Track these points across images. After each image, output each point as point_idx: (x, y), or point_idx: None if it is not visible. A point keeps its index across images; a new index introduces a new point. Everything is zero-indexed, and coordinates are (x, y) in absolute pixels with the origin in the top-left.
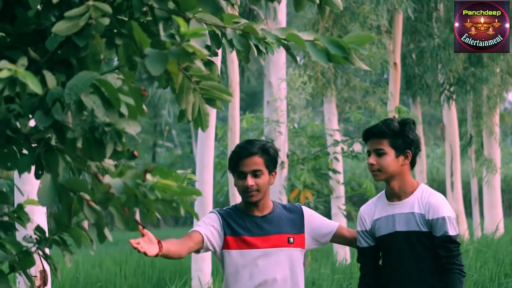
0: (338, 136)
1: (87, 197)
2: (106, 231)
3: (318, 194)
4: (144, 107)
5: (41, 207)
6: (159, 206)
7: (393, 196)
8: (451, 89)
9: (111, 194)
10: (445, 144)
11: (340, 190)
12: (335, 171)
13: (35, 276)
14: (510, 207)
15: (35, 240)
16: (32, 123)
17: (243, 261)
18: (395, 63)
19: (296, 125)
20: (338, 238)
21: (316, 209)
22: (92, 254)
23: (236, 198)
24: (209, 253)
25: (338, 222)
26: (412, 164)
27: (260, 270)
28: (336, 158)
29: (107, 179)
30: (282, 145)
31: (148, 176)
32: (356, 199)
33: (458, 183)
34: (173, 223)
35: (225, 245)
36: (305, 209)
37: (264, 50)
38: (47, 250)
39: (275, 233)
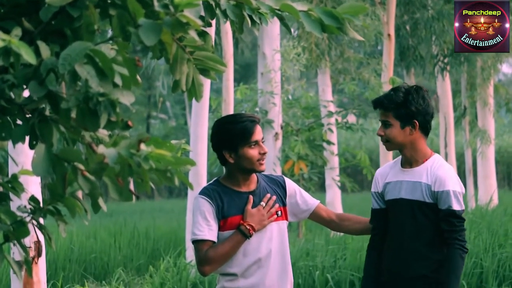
0: (332, 107)
1: (81, 167)
2: (100, 201)
3: (312, 165)
4: (138, 77)
5: (36, 177)
6: (153, 176)
7: (406, 162)
8: (445, 61)
9: (105, 164)
10: (439, 116)
11: (334, 161)
12: (329, 142)
13: (30, 247)
14: (504, 178)
15: (29, 210)
16: (26, 93)
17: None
18: (389, 35)
19: (290, 97)
20: (315, 217)
21: (310, 180)
22: (87, 224)
23: None
24: None
25: (318, 201)
26: (425, 132)
27: (254, 247)
28: (330, 129)
29: (101, 149)
30: (276, 116)
31: (142, 146)
32: (350, 171)
33: (452, 155)
34: (167, 195)
35: (219, 228)
36: (288, 182)
37: (258, 21)
38: (41, 220)
39: None
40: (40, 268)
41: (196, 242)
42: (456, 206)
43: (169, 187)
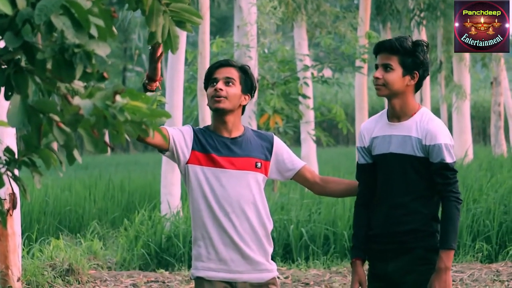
0: (308, 61)
1: (56, 118)
2: (75, 152)
3: (288, 119)
4: (114, 29)
5: (11, 128)
6: (128, 128)
7: (394, 116)
8: (421, 15)
9: (81, 115)
10: None
11: (310, 115)
12: (304, 96)
13: (4, 199)
14: (479, 133)
15: (4, 162)
16: (1, 44)
17: (208, 178)
18: None
19: (266, 50)
20: (300, 177)
21: (285, 134)
22: (61, 176)
23: (206, 123)
24: (179, 177)
25: (305, 163)
26: (417, 87)
27: (225, 190)
28: (306, 83)
29: (76, 100)
30: (252, 69)
31: (118, 98)
32: (325, 125)
33: None
34: (143, 148)
35: (192, 160)
36: (276, 139)
37: None
38: (16, 172)
39: (244, 156)
40: (15, 220)
41: None
42: (448, 159)
43: None
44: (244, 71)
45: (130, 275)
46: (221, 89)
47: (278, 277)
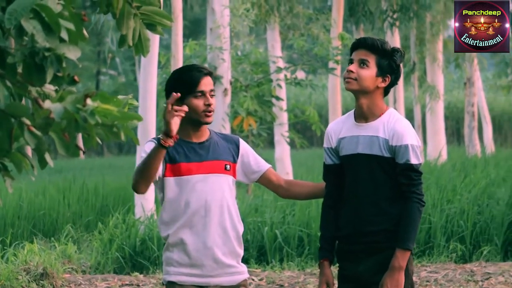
0: (281, 63)
1: (27, 122)
2: (47, 156)
3: (261, 121)
4: (84, 32)
5: None
6: (100, 131)
7: (361, 116)
8: (395, 16)
9: (52, 119)
10: None
11: (283, 117)
12: (278, 98)
13: None
14: (453, 133)
15: None
16: None
17: (181, 187)
18: None
19: (239, 52)
20: (265, 180)
21: (259, 136)
22: (33, 180)
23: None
24: None
25: (270, 165)
26: (386, 91)
27: (198, 195)
28: (279, 85)
29: (47, 104)
30: (225, 72)
31: (89, 101)
32: (299, 127)
33: (401, 110)
34: (117, 151)
35: (167, 173)
36: (242, 142)
37: None
38: None
39: (213, 159)
40: None
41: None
42: (413, 160)
43: (119, 144)
44: (212, 76)
45: (105, 278)
46: (213, 105)
47: (253, 279)
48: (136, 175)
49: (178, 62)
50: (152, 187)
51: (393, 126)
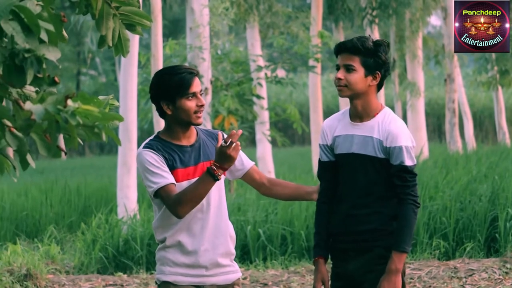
0: (261, 62)
1: (8, 123)
2: (29, 157)
3: (243, 120)
4: (64, 33)
5: None
6: (81, 132)
7: (356, 116)
8: (374, 13)
9: (33, 120)
10: None
11: (265, 116)
12: (259, 97)
13: None
14: (435, 130)
15: None
16: None
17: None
18: None
19: (219, 51)
20: (248, 177)
21: (241, 135)
22: (15, 181)
23: (160, 125)
24: (135, 180)
25: (254, 163)
26: (379, 86)
27: None
28: (259, 84)
29: (28, 105)
30: (206, 71)
31: (69, 102)
32: (281, 125)
33: None
34: (99, 151)
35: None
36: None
37: None
38: None
39: (205, 160)
40: None
41: (161, 190)
42: (408, 162)
43: (100, 144)
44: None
45: (89, 279)
46: (204, 105)
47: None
48: (183, 202)
49: (158, 61)
50: (134, 187)
51: (387, 127)
